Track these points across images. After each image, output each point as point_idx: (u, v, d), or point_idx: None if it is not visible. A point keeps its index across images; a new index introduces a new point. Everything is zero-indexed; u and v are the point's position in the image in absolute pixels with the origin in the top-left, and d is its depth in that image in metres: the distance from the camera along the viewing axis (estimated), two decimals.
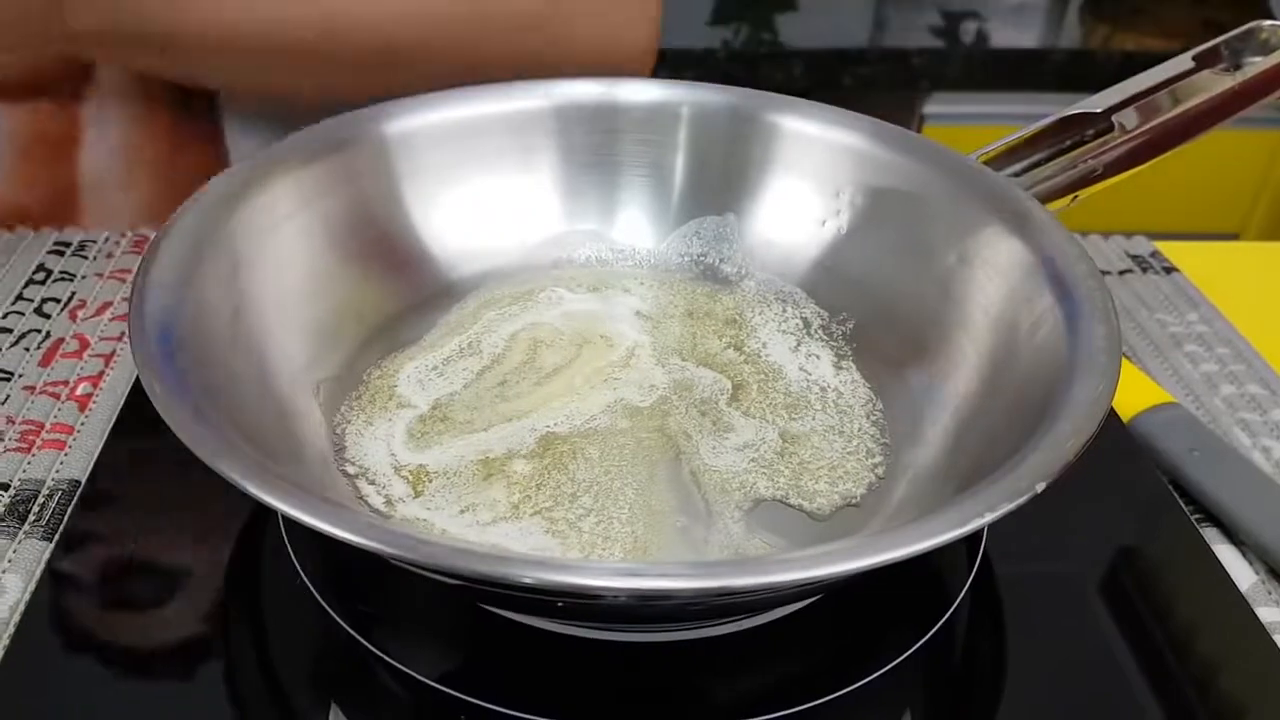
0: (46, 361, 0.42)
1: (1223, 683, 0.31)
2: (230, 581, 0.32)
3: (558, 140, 0.41)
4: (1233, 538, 0.36)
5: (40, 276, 0.47)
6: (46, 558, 0.33)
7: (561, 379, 0.37)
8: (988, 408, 0.32)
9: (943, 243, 0.37)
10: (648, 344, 0.38)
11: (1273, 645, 0.32)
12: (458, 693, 0.29)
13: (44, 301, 0.45)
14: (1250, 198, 1.18)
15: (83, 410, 0.39)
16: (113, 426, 0.38)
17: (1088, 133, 0.39)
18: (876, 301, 0.38)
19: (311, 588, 0.31)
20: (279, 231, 0.35)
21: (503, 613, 0.30)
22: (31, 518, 0.34)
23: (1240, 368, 0.44)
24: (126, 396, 0.39)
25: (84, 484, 0.36)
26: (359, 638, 0.30)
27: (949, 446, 0.33)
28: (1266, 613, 0.33)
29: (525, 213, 0.41)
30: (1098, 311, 0.31)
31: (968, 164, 0.38)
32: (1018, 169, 0.39)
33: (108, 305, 0.45)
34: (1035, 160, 0.39)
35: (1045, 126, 0.39)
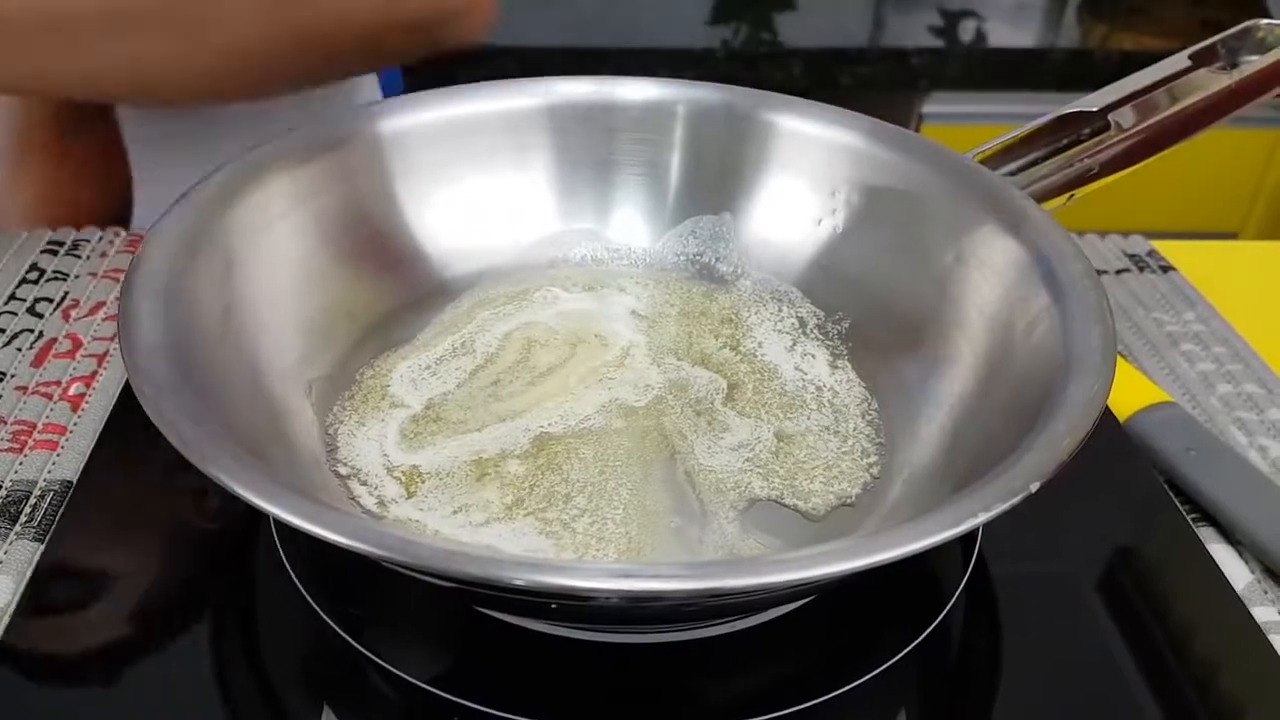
0: (39, 362, 0.42)
1: (1217, 682, 0.31)
2: (222, 583, 0.32)
3: (553, 139, 0.41)
4: (1229, 537, 0.36)
5: (34, 276, 0.47)
6: (37, 558, 0.33)
7: (555, 379, 0.36)
8: (983, 407, 0.32)
9: (939, 242, 0.36)
10: (643, 343, 0.38)
11: (1268, 644, 0.31)
12: (450, 695, 0.28)
13: (37, 301, 0.45)
14: (1247, 197, 1.18)
15: (75, 411, 0.39)
16: (105, 427, 0.38)
17: (1084, 131, 0.39)
18: (872, 301, 0.38)
19: (303, 590, 0.31)
20: (272, 230, 0.35)
21: (495, 614, 0.30)
22: (23, 518, 0.34)
23: (1237, 367, 0.44)
24: (119, 397, 0.39)
25: (75, 485, 0.35)
26: (351, 640, 0.30)
27: (944, 446, 0.33)
28: (1262, 612, 0.33)
29: (520, 212, 0.41)
30: (1093, 311, 0.30)
31: (964, 163, 0.38)
32: (1014, 168, 0.39)
33: (101, 305, 0.45)
34: (1032, 159, 0.39)
35: (1042, 125, 0.39)
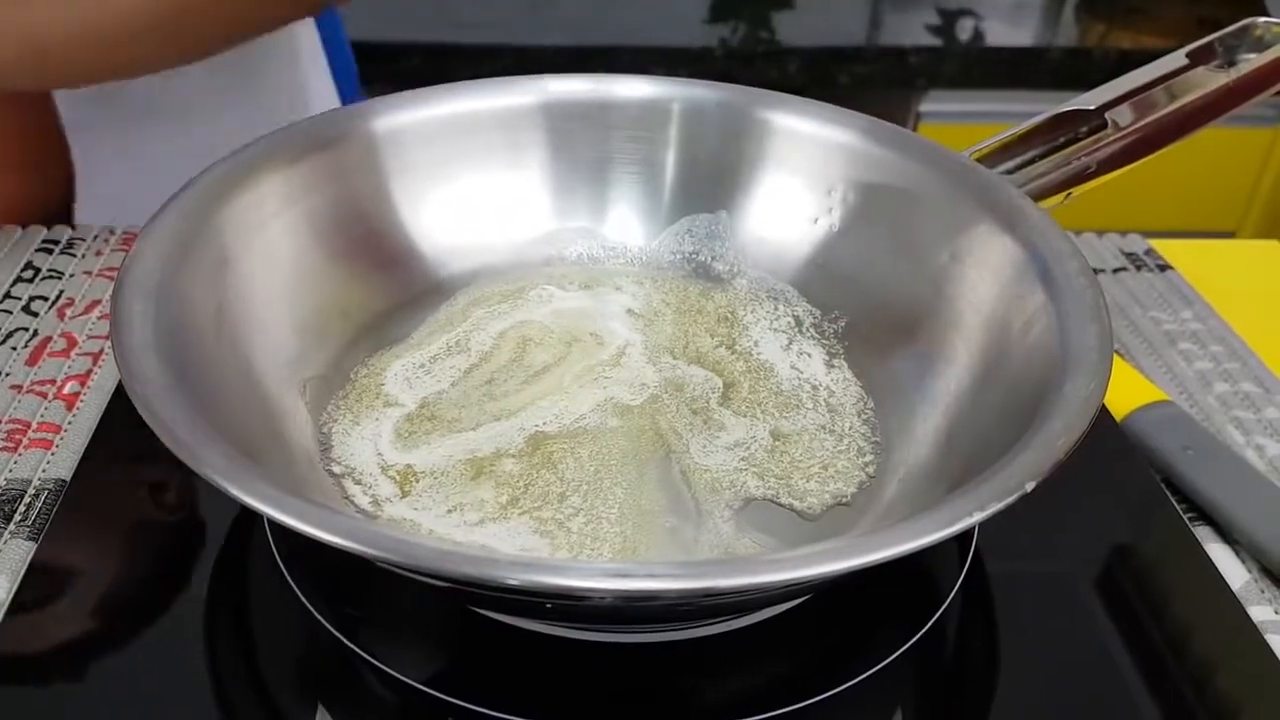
0: (34, 360, 0.41)
1: (1214, 681, 0.31)
2: (216, 583, 0.32)
3: (548, 137, 0.41)
4: (1226, 536, 0.36)
5: (28, 274, 0.47)
6: (30, 558, 0.33)
7: (550, 377, 0.36)
8: (979, 406, 0.32)
9: (935, 241, 0.36)
10: (639, 342, 0.38)
11: (1264, 644, 0.31)
12: (445, 695, 0.28)
13: (32, 299, 0.45)
14: (1245, 195, 1.18)
15: (70, 409, 0.39)
16: (99, 425, 0.38)
17: (1081, 130, 0.39)
18: (868, 299, 0.38)
19: (298, 590, 0.31)
20: (266, 229, 0.35)
21: (490, 614, 0.30)
22: (17, 517, 0.34)
23: (1234, 365, 0.44)
24: (114, 395, 0.39)
25: (70, 483, 0.35)
26: (345, 640, 0.30)
27: (940, 445, 0.33)
28: (1258, 611, 0.33)
29: (515, 210, 0.41)
30: (1089, 310, 0.30)
31: (960, 161, 0.38)
32: (1011, 166, 0.39)
33: (96, 303, 0.45)
34: (1029, 157, 0.39)
35: (1039, 123, 0.39)
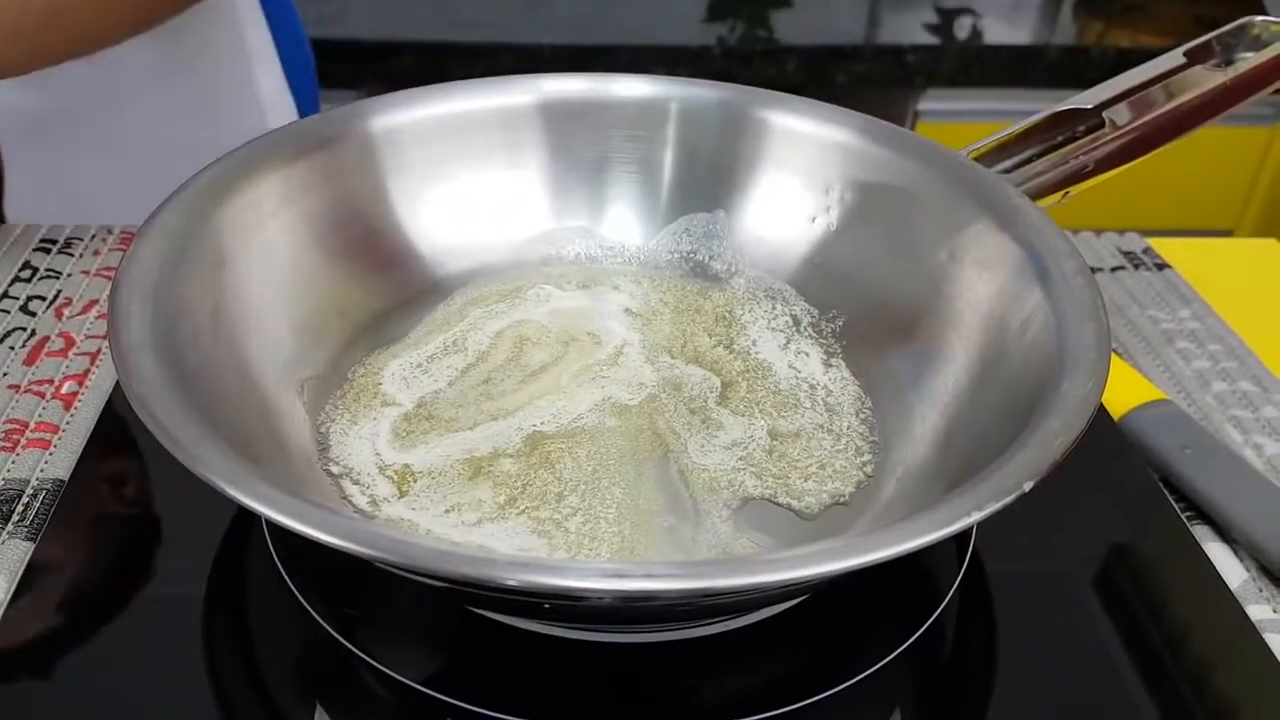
0: (32, 360, 0.41)
1: (1212, 680, 0.31)
2: (214, 583, 0.32)
3: (546, 136, 0.41)
4: (1224, 535, 0.36)
5: (26, 274, 0.46)
6: (29, 558, 0.32)
7: (548, 377, 0.36)
8: (977, 405, 0.32)
9: (933, 240, 0.36)
10: (637, 341, 0.38)
11: (1262, 643, 0.31)
12: (443, 695, 0.28)
13: (29, 299, 0.45)
14: (1242, 194, 1.18)
15: (68, 409, 0.39)
16: (97, 425, 0.38)
17: (1079, 128, 0.39)
18: (866, 299, 0.38)
19: (296, 590, 0.31)
20: (263, 228, 0.35)
21: (488, 614, 0.30)
22: (15, 517, 0.34)
23: (1232, 364, 0.44)
24: (111, 395, 0.39)
25: (68, 484, 0.35)
26: (343, 640, 0.30)
27: (938, 444, 0.33)
28: (1256, 610, 0.33)
29: (513, 209, 0.41)
30: (1087, 309, 0.30)
31: (958, 160, 0.38)
32: (1009, 165, 0.39)
33: (94, 303, 0.45)
34: (1026, 156, 0.39)
35: (1036, 122, 0.39)
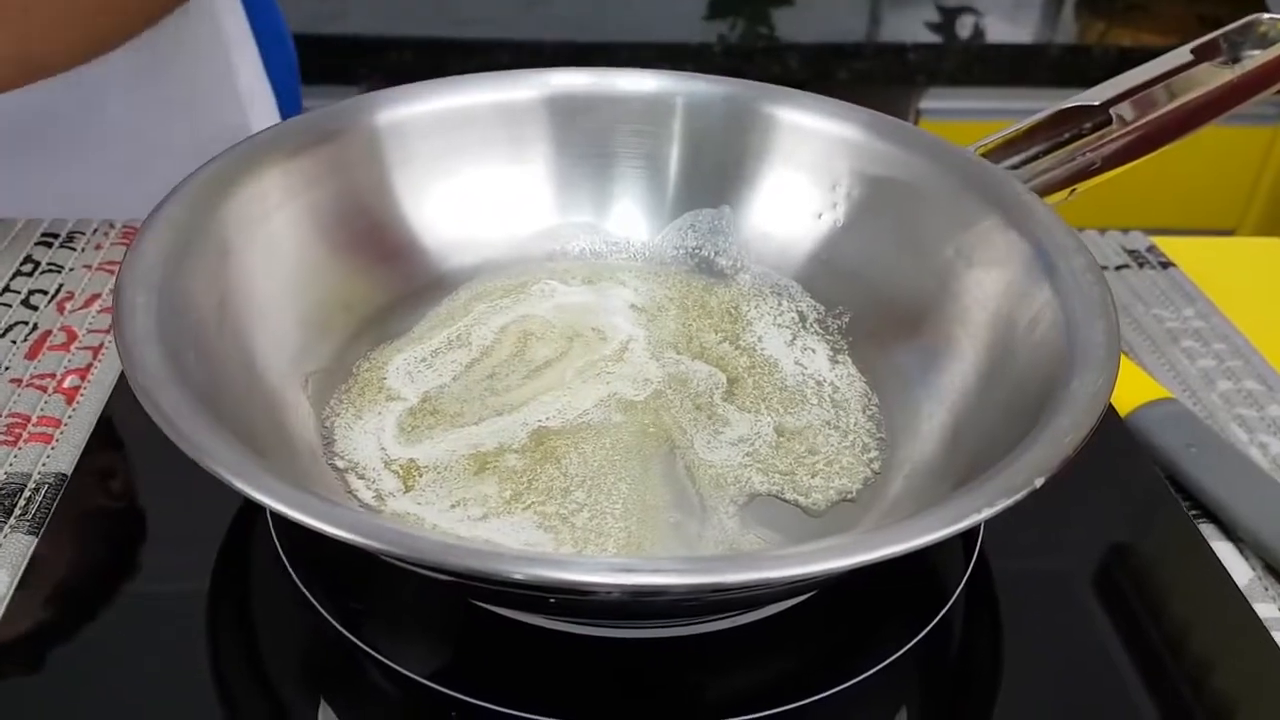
0: (33, 354, 0.41)
1: (1220, 680, 0.31)
2: (218, 576, 0.32)
3: (551, 131, 0.40)
4: (1230, 534, 0.36)
5: (28, 268, 0.46)
6: (31, 552, 0.32)
7: (552, 372, 0.36)
8: (985, 402, 0.32)
9: (940, 236, 0.36)
10: (642, 337, 0.38)
11: (1270, 642, 0.31)
12: (448, 690, 0.28)
13: (31, 293, 0.45)
14: (1247, 193, 1.18)
15: (70, 403, 0.39)
16: (99, 419, 0.38)
17: (1086, 126, 0.39)
18: (873, 295, 0.38)
19: (300, 584, 0.31)
20: (268, 222, 0.35)
21: (494, 609, 0.30)
22: (18, 511, 0.34)
23: (1237, 363, 0.44)
24: (114, 389, 0.39)
25: (70, 478, 0.35)
26: (348, 634, 0.30)
27: (946, 441, 0.33)
28: (1264, 609, 0.33)
29: (518, 204, 0.41)
30: (1096, 306, 0.30)
31: (966, 157, 0.37)
32: (1015, 162, 0.38)
33: (96, 297, 0.45)
34: (1033, 153, 0.39)
35: (1043, 119, 0.39)
